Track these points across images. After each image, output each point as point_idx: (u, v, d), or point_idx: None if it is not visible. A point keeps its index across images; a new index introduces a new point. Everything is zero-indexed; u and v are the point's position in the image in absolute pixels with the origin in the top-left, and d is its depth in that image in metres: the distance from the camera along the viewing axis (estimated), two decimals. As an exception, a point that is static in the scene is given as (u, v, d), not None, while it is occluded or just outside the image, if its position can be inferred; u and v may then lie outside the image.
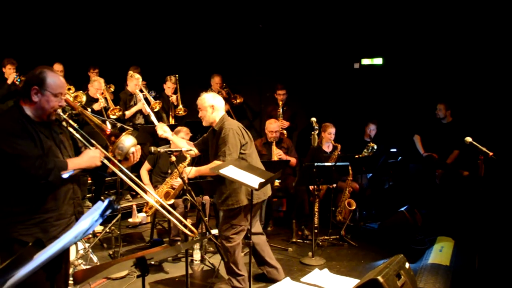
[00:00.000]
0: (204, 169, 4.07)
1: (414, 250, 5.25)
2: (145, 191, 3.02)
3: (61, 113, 2.65)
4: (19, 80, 6.32)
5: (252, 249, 4.29)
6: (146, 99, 6.98)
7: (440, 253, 4.92)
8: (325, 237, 5.65)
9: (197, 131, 6.35)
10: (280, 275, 4.42)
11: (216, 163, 3.91)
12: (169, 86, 7.24)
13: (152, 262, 3.99)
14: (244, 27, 8.03)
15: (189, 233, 3.06)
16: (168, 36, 8.55)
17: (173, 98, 7.17)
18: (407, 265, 3.52)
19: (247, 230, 4.14)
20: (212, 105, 4.08)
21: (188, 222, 3.95)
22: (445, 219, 6.13)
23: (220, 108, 4.13)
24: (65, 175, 2.58)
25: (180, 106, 7.27)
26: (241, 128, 4.10)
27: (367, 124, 6.80)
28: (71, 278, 3.49)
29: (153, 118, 6.82)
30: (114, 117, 6.40)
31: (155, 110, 6.92)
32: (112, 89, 7.37)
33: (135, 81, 6.84)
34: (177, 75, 7.36)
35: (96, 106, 6.38)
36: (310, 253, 5.08)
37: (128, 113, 6.79)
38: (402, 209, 5.68)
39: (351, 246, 5.54)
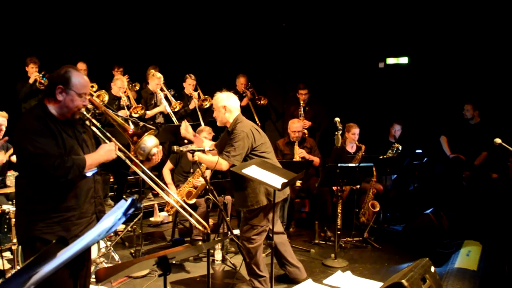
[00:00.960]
0: (206, 158, 3.92)
1: (440, 254, 5.11)
2: (165, 191, 3.01)
3: (85, 112, 2.66)
4: (44, 78, 6.42)
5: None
6: (166, 98, 7.01)
7: (467, 257, 4.79)
8: (348, 239, 5.58)
9: (220, 130, 6.33)
10: (302, 274, 4.38)
11: (217, 159, 3.85)
12: (189, 83, 7.23)
13: (174, 262, 3.99)
14: (268, 26, 7.99)
15: (201, 228, 3.02)
16: (190, 36, 8.58)
17: (195, 94, 7.16)
18: (432, 269, 3.44)
19: (268, 230, 4.11)
20: (225, 106, 4.03)
21: (210, 222, 3.94)
22: (473, 222, 5.97)
23: (233, 109, 4.07)
24: (89, 173, 2.60)
25: (203, 97, 7.25)
26: (254, 130, 4.03)
27: (392, 124, 6.71)
28: (93, 276, 3.52)
29: (173, 118, 6.84)
30: (136, 115, 6.44)
31: (175, 110, 6.94)
32: (137, 88, 7.42)
33: (156, 80, 6.87)
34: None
35: (122, 112, 6.42)
36: (332, 255, 5.02)
37: (150, 113, 6.82)
38: (428, 211, 5.57)
39: (374, 249, 5.46)
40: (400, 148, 6.06)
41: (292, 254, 4.38)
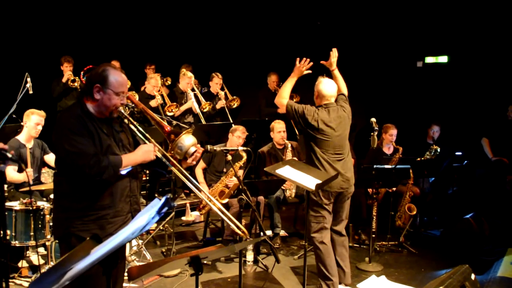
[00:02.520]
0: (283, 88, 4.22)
1: (480, 261, 4.91)
2: (201, 191, 2.97)
3: (123, 111, 2.65)
4: (84, 77, 6.53)
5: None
6: (197, 98, 7.00)
7: (511, 266, 4.57)
8: (383, 242, 5.45)
9: (253, 130, 6.30)
10: (345, 279, 4.29)
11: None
12: (216, 82, 7.17)
13: (205, 261, 3.97)
14: (302, 24, 7.89)
15: (241, 233, 2.97)
16: (223, 33, 8.55)
17: (222, 93, 7.12)
18: (473, 276, 3.30)
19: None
20: (316, 91, 4.16)
21: (242, 222, 3.89)
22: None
23: (321, 96, 4.12)
24: (123, 171, 2.58)
25: (230, 97, 7.21)
26: (318, 115, 4.00)
27: (430, 125, 6.53)
28: (125, 274, 3.53)
29: (202, 118, 6.83)
30: (171, 114, 6.46)
31: (204, 110, 6.93)
32: (169, 82, 7.43)
33: (187, 80, 6.87)
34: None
35: (153, 103, 6.47)
36: (367, 259, 4.93)
37: (177, 112, 6.83)
38: (468, 216, 5.37)
39: (410, 253, 5.30)
40: (439, 150, 5.88)
41: (342, 256, 4.30)
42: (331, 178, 3.71)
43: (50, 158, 4.99)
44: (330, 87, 4.13)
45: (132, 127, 2.71)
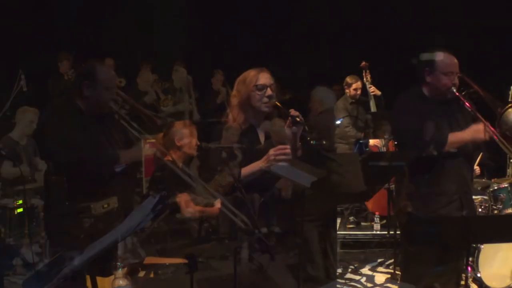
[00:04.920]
0: None
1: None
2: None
3: (113, 106, 2.66)
4: (72, 74, 6.46)
5: None
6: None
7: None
8: (381, 241, 5.41)
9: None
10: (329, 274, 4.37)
11: None
12: (218, 79, 7.17)
13: (200, 259, 3.94)
14: (299, 21, 7.87)
15: (244, 226, 2.98)
16: (217, 28, 8.52)
17: (223, 90, 7.09)
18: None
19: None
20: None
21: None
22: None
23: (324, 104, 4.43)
24: (118, 168, 2.59)
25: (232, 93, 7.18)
26: None
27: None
28: (118, 272, 3.51)
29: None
30: (169, 107, 6.50)
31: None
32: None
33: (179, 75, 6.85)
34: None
35: (147, 99, 6.42)
36: (363, 257, 4.98)
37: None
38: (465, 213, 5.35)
39: (408, 251, 5.25)
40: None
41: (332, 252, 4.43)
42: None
43: (37, 162, 5.00)
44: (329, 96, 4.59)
45: (123, 122, 2.72)
